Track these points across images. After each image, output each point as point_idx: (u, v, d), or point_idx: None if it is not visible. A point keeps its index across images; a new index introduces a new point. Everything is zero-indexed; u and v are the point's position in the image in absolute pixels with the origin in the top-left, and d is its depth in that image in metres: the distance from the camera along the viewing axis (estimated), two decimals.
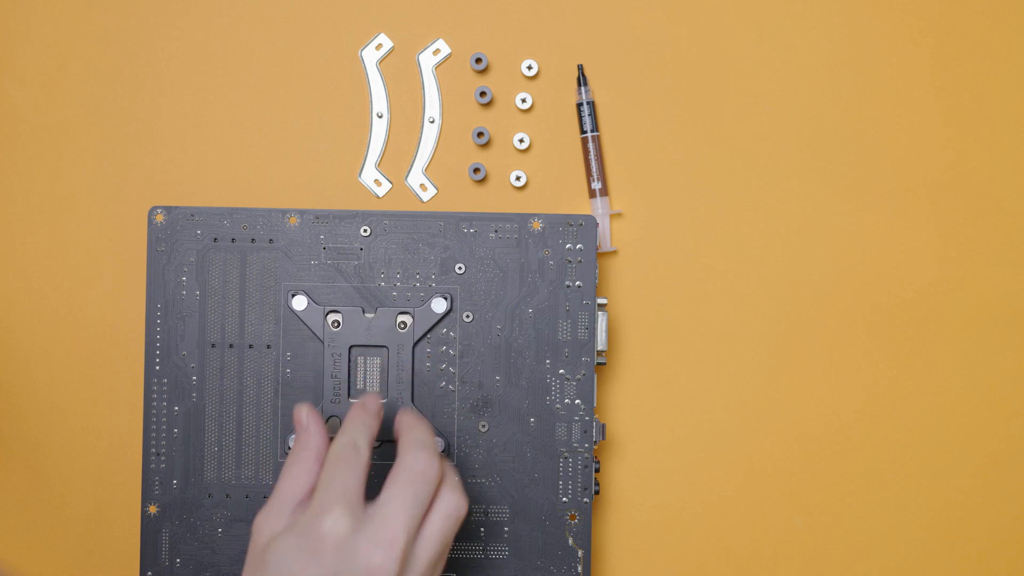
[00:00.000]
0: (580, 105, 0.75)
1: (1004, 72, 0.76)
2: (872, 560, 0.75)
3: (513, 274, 0.71)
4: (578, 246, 0.71)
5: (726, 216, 0.75)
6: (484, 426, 0.71)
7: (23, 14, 0.75)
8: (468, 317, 0.71)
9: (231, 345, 0.71)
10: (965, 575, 0.75)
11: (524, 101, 0.75)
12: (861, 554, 0.75)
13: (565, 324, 0.71)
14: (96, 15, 0.75)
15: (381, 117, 0.75)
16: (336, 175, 0.75)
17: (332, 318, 0.71)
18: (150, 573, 0.71)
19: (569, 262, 0.71)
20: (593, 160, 0.75)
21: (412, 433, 0.63)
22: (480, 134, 0.75)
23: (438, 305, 0.71)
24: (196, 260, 0.71)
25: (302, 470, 0.62)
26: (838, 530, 0.75)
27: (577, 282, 0.71)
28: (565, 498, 0.71)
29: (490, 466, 0.71)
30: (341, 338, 0.71)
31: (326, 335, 0.71)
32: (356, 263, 0.71)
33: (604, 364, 0.72)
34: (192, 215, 0.71)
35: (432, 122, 0.75)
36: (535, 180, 0.75)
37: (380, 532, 0.58)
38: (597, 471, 0.71)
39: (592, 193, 0.75)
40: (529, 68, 0.75)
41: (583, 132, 0.75)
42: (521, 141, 0.75)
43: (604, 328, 0.71)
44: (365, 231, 0.71)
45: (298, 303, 0.71)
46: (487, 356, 0.71)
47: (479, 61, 0.74)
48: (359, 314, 0.71)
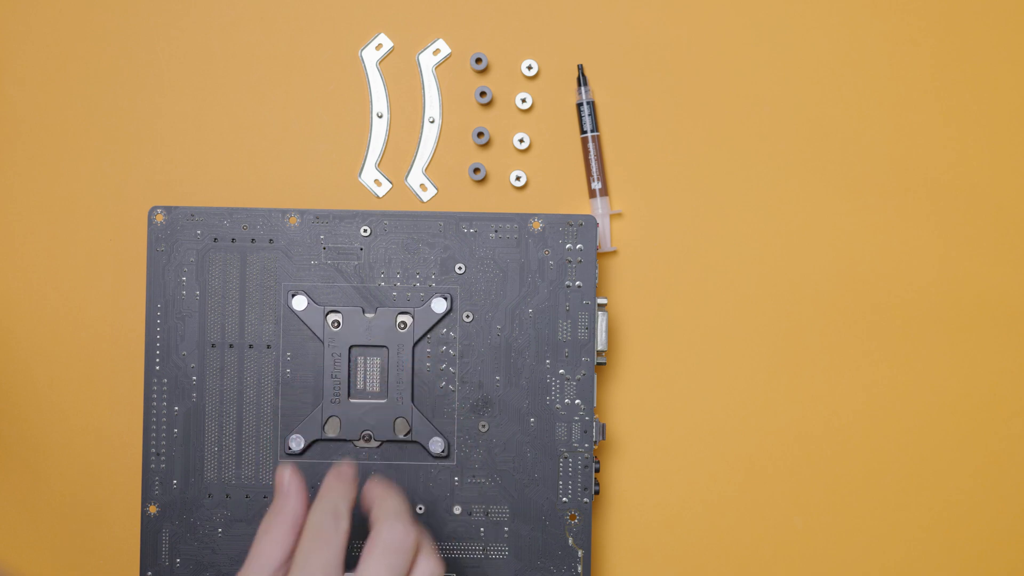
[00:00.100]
0: (580, 105, 0.75)
1: (1004, 72, 0.76)
2: (872, 560, 0.75)
3: (513, 274, 0.71)
4: (578, 246, 0.71)
5: (726, 216, 0.75)
6: (484, 426, 0.71)
7: (23, 14, 0.75)
8: (468, 317, 0.71)
9: (231, 345, 0.71)
10: (965, 575, 0.75)
11: (524, 101, 0.75)
12: (861, 554, 0.75)
13: (565, 324, 0.71)
14: (96, 15, 0.75)
15: (381, 117, 0.75)
16: (336, 175, 0.75)
17: (332, 318, 0.71)
18: (150, 573, 0.71)
19: (569, 262, 0.71)
20: (593, 160, 0.75)
21: (385, 503, 0.62)
22: (480, 134, 0.75)
23: (438, 305, 0.71)
24: (196, 260, 0.71)
25: (278, 537, 0.61)
26: (838, 530, 0.75)
27: (577, 282, 0.71)
28: (565, 498, 0.71)
29: (490, 466, 0.71)
30: (341, 338, 0.71)
31: (326, 335, 0.71)
32: (356, 263, 0.71)
33: (604, 364, 0.72)
34: (192, 215, 0.71)
35: (432, 122, 0.75)
36: (535, 180, 0.75)
37: None
38: (597, 471, 0.71)
39: (592, 193, 0.75)
40: (529, 68, 0.75)
41: (583, 132, 0.75)
42: (521, 141, 0.75)
43: (604, 328, 0.71)
44: (365, 231, 0.71)
45: (298, 303, 0.71)
46: (487, 356, 0.71)
47: (479, 61, 0.74)
48: (359, 314, 0.71)
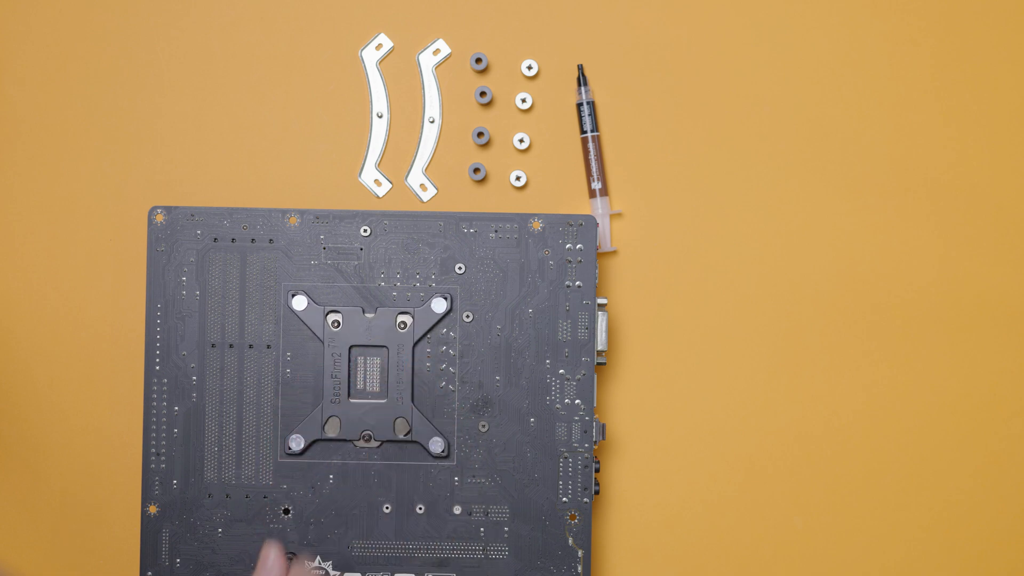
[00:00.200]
0: (580, 105, 0.75)
1: (1004, 72, 0.76)
2: (872, 560, 0.75)
3: (513, 274, 0.71)
4: (578, 246, 0.71)
5: (726, 216, 0.75)
6: (484, 426, 0.71)
7: (23, 14, 0.75)
8: (468, 317, 0.71)
9: (231, 345, 0.71)
10: (965, 575, 0.75)
11: (524, 101, 0.75)
12: (861, 554, 0.75)
13: (565, 324, 0.71)
14: (96, 15, 0.75)
15: (381, 117, 0.75)
16: (336, 175, 0.75)
17: (332, 318, 0.71)
18: (150, 573, 0.71)
19: (569, 262, 0.71)
20: (593, 160, 0.75)
21: None
22: (480, 134, 0.75)
23: (438, 305, 0.71)
24: (196, 260, 0.71)
25: None
26: (838, 530, 0.75)
27: (577, 282, 0.71)
28: (565, 498, 0.71)
29: (490, 466, 0.71)
30: (341, 338, 0.71)
31: (326, 335, 0.71)
32: (356, 263, 0.71)
33: (604, 364, 0.72)
34: (192, 215, 0.71)
35: (432, 122, 0.75)
36: (535, 180, 0.75)
37: None
38: (597, 471, 0.71)
39: (592, 193, 0.75)
40: (529, 68, 0.75)
41: (583, 132, 0.75)
42: (521, 141, 0.75)
43: (604, 328, 0.71)
44: (365, 231, 0.71)
45: (298, 303, 0.71)
46: (487, 356, 0.71)
47: (479, 61, 0.74)
48: (359, 314, 0.71)
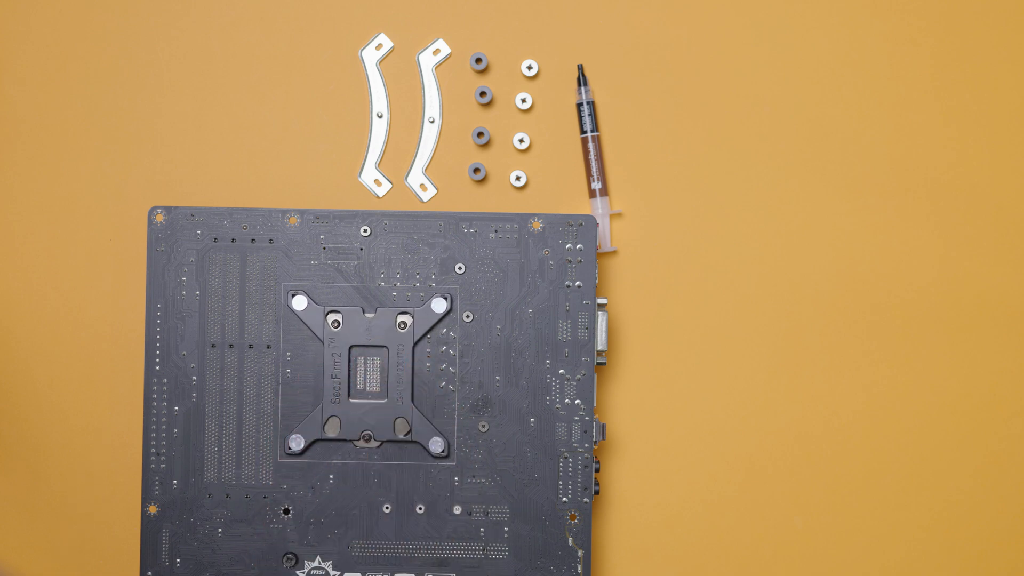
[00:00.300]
0: (580, 105, 0.75)
1: (1004, 72, 0.76)
2: (872, 560, 0.75)
3: (513, 274, 0.71)
4: (578, 246, 0.71)
5: (726, 216, 0.75)
6: (484, 426, 0.71)
7: (23, 14, 0.75)
8: (468, 317, 0.71)
9: (231, 345, 0.71)
10: (965, 575, 0.75)
11: (524, 101, 0.75)
12: (861, 554, 0.75)
13: (565, 324, 0.71)
14: (96, 15, 0.75)
15: (381, 117, 0.75)
16: (336, 175, 0.75)
17: (332, 318, 0.71)
18: (150, 573, 0.71)
19: (569, 262, 0.71)
20: (593, 160, 0.75)
21: None
22: (480, 134, 0.75)
23: (438, 305, 0.71)
24: (196, 260, 0.71)
25: None
26: (838, 530, 0.75)
27: (577, 282, 0.71)
28: (565, 498, 0.71)
29: (490, 466, 0.71)
30: (341, 338, 0.71)
31: (326, 335, 0.71)
32: (356, 263, 0.71)
33: (604, 364, 0.72)
34: (192, 215, 0.71)
35: (432, 122, 0.75)
36: (535, 180, 0.75)
37: None
38: (597, 471, 0.71)
39: (592, 193, 0.75)
40: (529, 68, 0.75)
41: (583, 132, 0.75)
42: (521, 141, 0.75)
43: (604, 328, 0.71)
44: (365, 231, 0.71)
45: (298, 303, 0.71)
46: (487, 356, 0.71)
47: (479, 61, 0.74)
48: (359, 314, 0.71)
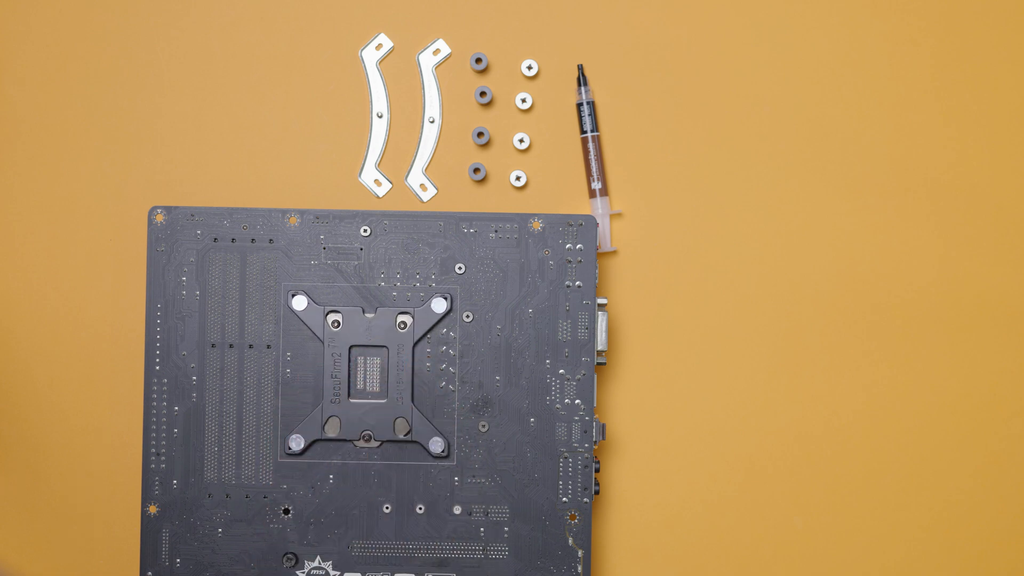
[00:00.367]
0: (580, 105, 0.75)
1: (1004, 72, 0.76)
2: (872, 560, 0.75)
3: (513, 274, 0.71)
4: (578, 246, 0.71)
5: (726, 216, 0.75)
6: (484, 426, 0.71)
7: (23, 14, 0.75)
8: (468, 317, 0.71)
9: (231, 345, 0.71)
10: (965, 575, 0.75)
11: (524, 101, 0.75)
12: (861, 554, 0.75)
13: (565, 324, 0.71)
14: (96, 15, 0.75)
15: (381, 117, 0.75)
16: (336, 175, 0.75)
17: (332, 318, 0.71)
18: (150, 573, 0.71)
19: (569, 262, 0.71)
20: (593, 160, 0.75)
21: None
22: (480, 134, 0.75)
23: (438, 305, 0.71)
24: (196, 260, 0.71)
25: None
26: (838, 530, 0.75)
27: (577, 282, 0.71)
28: (565, 498, 0.71)
29: (490, 466, 0.71)
30: (341, 338, 0.71)
31: (326, 335, 0.71)
32: (356, 263, 0.71)
33: (604, 364, 0.72)
34: (192, 215, 0.71)
35: (432, 122, 0.75)
36: (535, 180, 0.75)
37: None
38: (597, 471, 0.71)
39: (592, 193, 0.75)
40: (529, 68, 0.75)
41: (583, 132, 0.75)
42: (521, 141, 0.75)
43: (604, 328, 0.71)
44: (365, 231, 0.71)
45: (298, 303, 0.71)
46: (487, 356, 0.71)
47: (479, 61, 0.74)
48: (359, 314, 0.71)
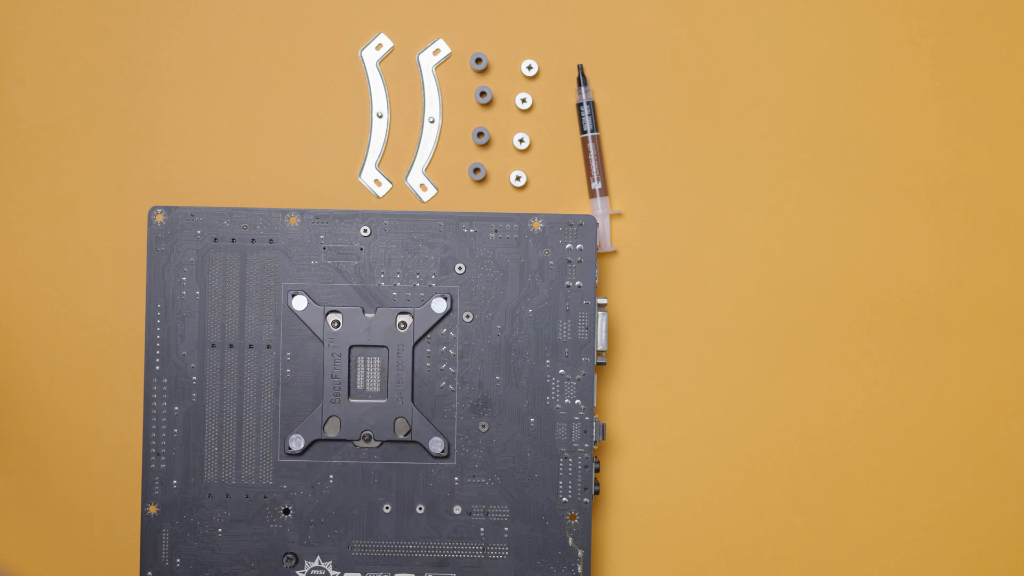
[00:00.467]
0: (580, 105, 0.75)
1: (1004, 72, 0.76)
2: (872, 560, 0.75)
3: (513, 274, 0.71)
4: (578, 246, 0.71)
5: (726, 216, 0.75)
6: (484, 426, 0.71)
7: (23, 14, 0.75)
8: (468, 317, 0.71)
9: (231, 345, 0.71)
10: (965, 575, 0.75)
11: (524, 101, 0.75)
12: (861, 554, 0.75)
13: (565, 324, 0.71)
14: (96, 15, 0.75)
15: (381, 117, 0.75)
16: (336, 175, 0.75)
17: (332, 318, 0.71)
18: (150, 573, 0.71)
19: (569, 262, 0.71)
20: (593, 160, 0.75)
21: None
22: (480, 134, 0.75)
23: (438, 305, 0.71)
24: (196, 260, 0.71)
25: None
26: (838, 530, 0.75)
27: (577, 282, 0.71)
28: (565, 498, 0.71)
29: (490, 466, 0.71)
30: (341, 338, 0.71)
31: (326, 335, 0.71)
32: (356, 263, 0.71)
33: (604, 364, 0.72)
34: (192, 215, 0.71)
35: (432, 122, 0.75)
36: (535, 180, 0.75)
37: None
38: (597, 471, 0.71)
39: (592, 193, 0.75)
40: (529, 68, 0.75)
41: (583, 132, 0.75)
42: (521, 141, 0.75)
43: (604, 328, 0.71)
44: (365, 231, 0.71)
45: (298, 303, 0.71)
46: (487, 356, 0.71)
47: (479, 61, 0.74)
48: (359, 314, 0.71)
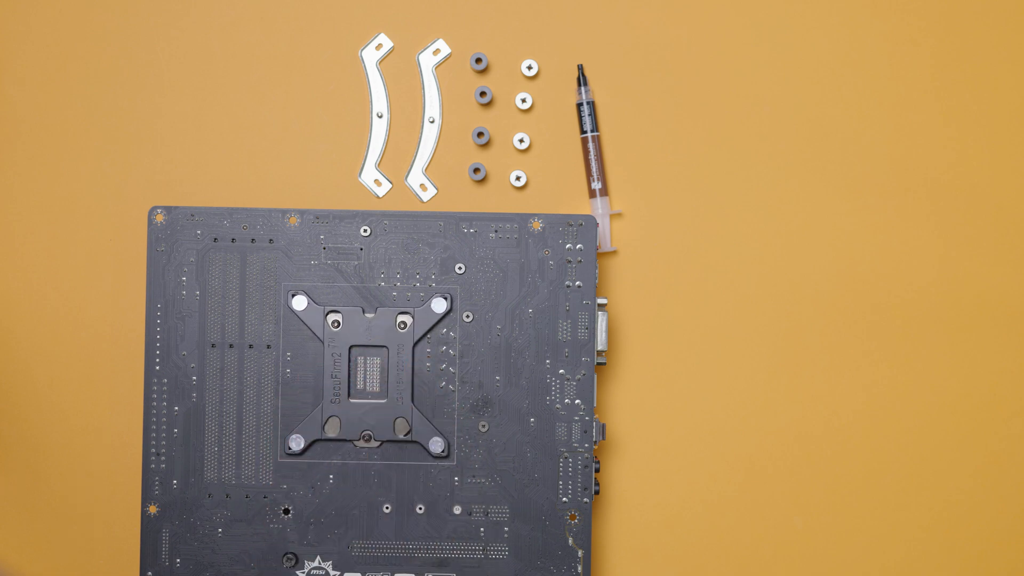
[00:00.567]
0: (580, 105, 0.75)
1: (1004, 72, 0.76)
2: (872, 560, 0.75)
3: (513, 274, 0.71)
4: (578, 246, 0.71)
5: (726, 216, 0.75)
6: (484, 426, 0.71)
7: (23, 14, 0.75)
8: (468, 317, 0.71)
9: (231, 345, 0.71)
10: (965, 575, 0.75)
11: (524, 101, 0.75)
12: (861, 554, 0.75)
13: (565, 324, 0.71)
14: (96, 15, 0.75)
15: (381, 117, 0.75)
16: (336, 175, 0.75)
17: (332, 318, 0.71)
18: (150, 573, 0.71)
19: (569, 262, 0.71)
20: (593, 160, 0.75)
21: None
22: (480, 134, 0.75)
23: (438, 305, 0.71)
24: (196, 260, 0.71)
25: None
26: (838, 530, 0.75)
27: (577, 282, 0.71)
28: (565, 498, 0.71)
29: (490, 466, 0.71)
30: (341, 338, 0.71)
31: (326, 335, 0.71)
32: (356, 263, 0.71)
33: (604, 364, 0.72)
34: (192, 215, 0.71)
35: (432, 122, 0.75)
36: (535, 180, 0.75)
37: None
38: (597, 471, 0.71)
39: (592, 193, 0.75)
40: (529, 68, 0.75)
41: (583, 132, 0.75)
42: (521, 141, 0.75)
43: (604, 328, 0.71)
44: (365, 231, 0.71)
45: (298, 303, 0.71)
46: (487, 356, 0.71)
47: (479, 61, 0.74)
48: (359, 314, 0.71)
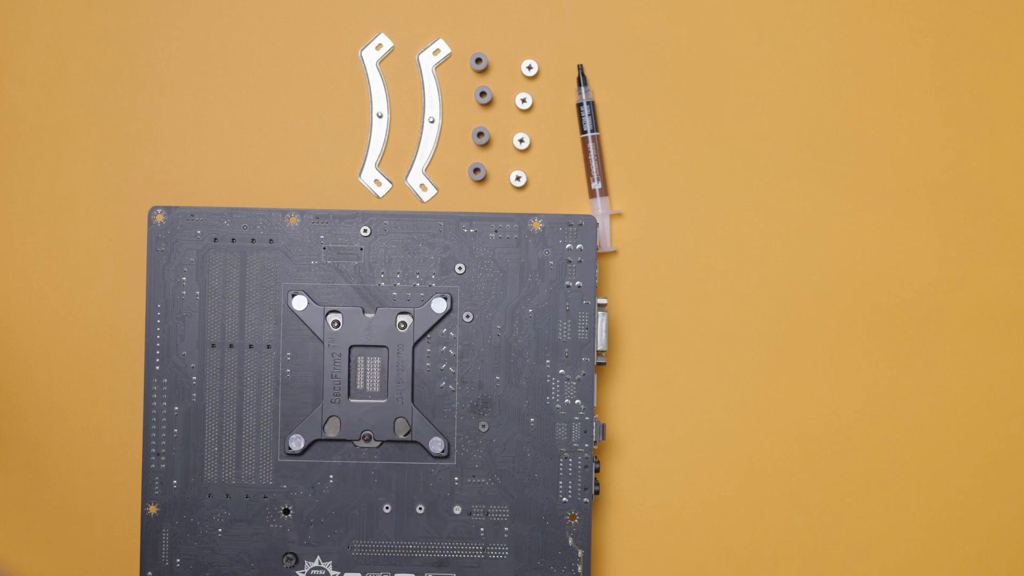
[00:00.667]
0: (580, 105, 0.75)
1: (1004, 72, 0.76)
2: (872, 560, 0.75)
3: (513, 274, 0.71)
4: (578, 246, 0.71)
5: (726, 216, 0.75)
6: (484, 426, 0.71)
7: (23, 14, 0.75)
8: (468, 317, 0.71)
9: (231, 345, 0.71)
10: (965, 575, 0.75)
11: (524, 101, 0.75)
12: (861, 554, 0.75)
13: (565, 324, 0.71)
14: (96, 15, 0.75)
15: (381, 117, 0.75)
16: (336, 175, 0.75)
17: (332, 318, 0.71)
18: (150, 573, 0.71)
19: (569, 262, 0.71)
20: (593, 160, 0.75)
21: None
22: (480, 134, 0.75)
23: (438, 305, 0.71)
24: (196, 260, 0.71)
25: None
26: (838, 530, 0.75)
27: (577, 282, 0.71)
28: (565, 498, 0.71)
29: (490, 466, 0.71)
30: (341, 338, 0.71)
31: (326, 335, 0.71)
32: (356, 263, 0.71)
33: (604, 364, 0.72)
34: (192, 215, 0.71)
35: (432, 122, 0.75)
36: (535, 180, 0.75)
37: None
38: (597, 471, 0.71)
39: (592, 193, 0.75)
40: (529, 68, 0.75)
41: (583, 132, 0.75)
42: (521, 141, 0.75)
43: (604, 328, 0.71)
44: (365, 231, 0.71)
45: (298, 303, 0.71)
46: (487, 356, 0.71)
47: (479, 61, 0.74)
48: (359, 314, 0.71)
